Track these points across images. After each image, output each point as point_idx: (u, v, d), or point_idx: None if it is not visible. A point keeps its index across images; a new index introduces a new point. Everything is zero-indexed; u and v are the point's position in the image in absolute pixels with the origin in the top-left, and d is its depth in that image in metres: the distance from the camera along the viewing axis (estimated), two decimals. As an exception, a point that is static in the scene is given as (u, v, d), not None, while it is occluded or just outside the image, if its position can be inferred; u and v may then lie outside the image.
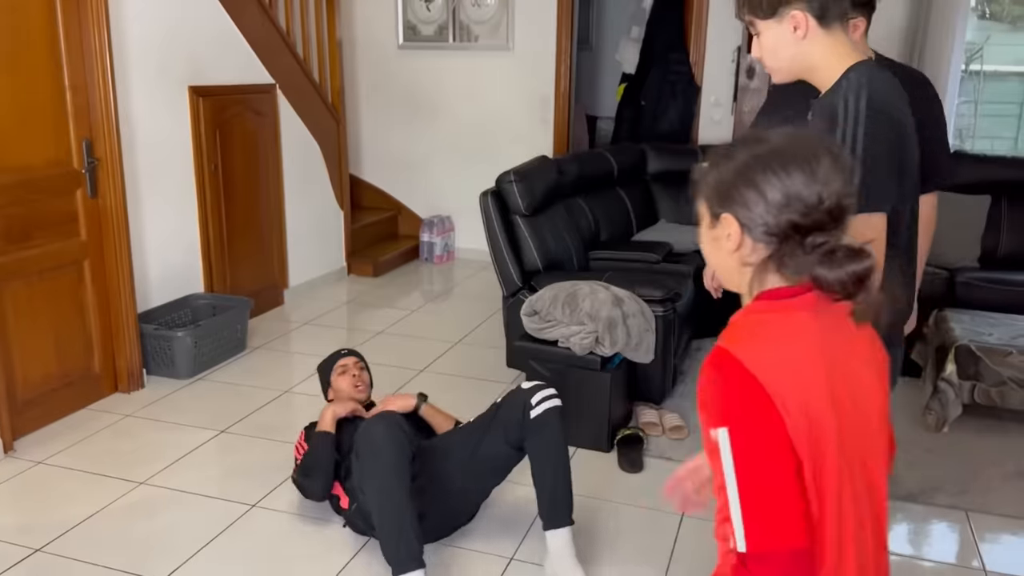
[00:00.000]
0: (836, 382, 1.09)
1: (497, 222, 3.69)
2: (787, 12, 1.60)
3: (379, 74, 6.23)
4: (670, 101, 5.42)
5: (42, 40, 3.25)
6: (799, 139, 1.08)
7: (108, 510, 2.81)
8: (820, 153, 1.06)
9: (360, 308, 5.12)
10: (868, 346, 1.18)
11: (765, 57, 1.68)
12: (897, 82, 1.65)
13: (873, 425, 1.15)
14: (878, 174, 1.52)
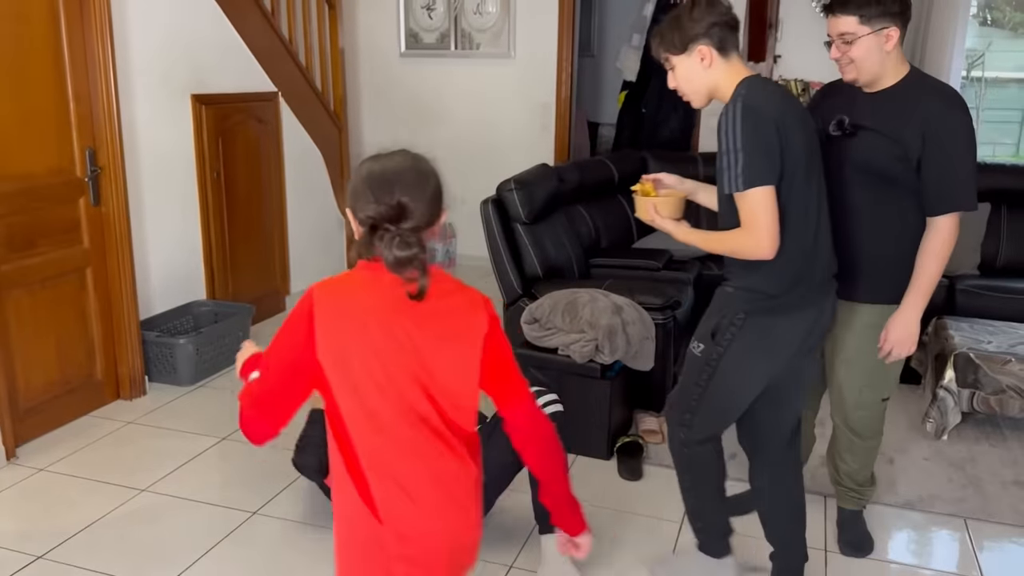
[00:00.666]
0: (383, 328, 1.44)
1: (497, 230, 3.70)
2: (695, 47, 2.02)
3: (381, 82, 6.26)
4: (671, 109, 5.44)
5: (46, 49, 3.28)
6: (390, 166, 1.50)
7: (109, 517, 2.82)
8: (398, 176, 1.47)
9: (361, 315, 5.14)
10: (451, 320, 1.51)
11: (680, 85, 2.11)
12: (781, 90, 2.10)
13: (440, 378, 1.47)
14: (751, 158, 1.92)
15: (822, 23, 5.11)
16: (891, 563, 2.65)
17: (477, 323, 1.54)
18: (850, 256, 2.32)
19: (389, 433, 1.46)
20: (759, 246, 1.99)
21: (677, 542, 2.73)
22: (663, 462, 3.23)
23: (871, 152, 2.28)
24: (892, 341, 2.35)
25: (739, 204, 1.99)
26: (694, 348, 2.22)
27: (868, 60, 2.22)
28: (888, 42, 2.20)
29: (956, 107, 2.22)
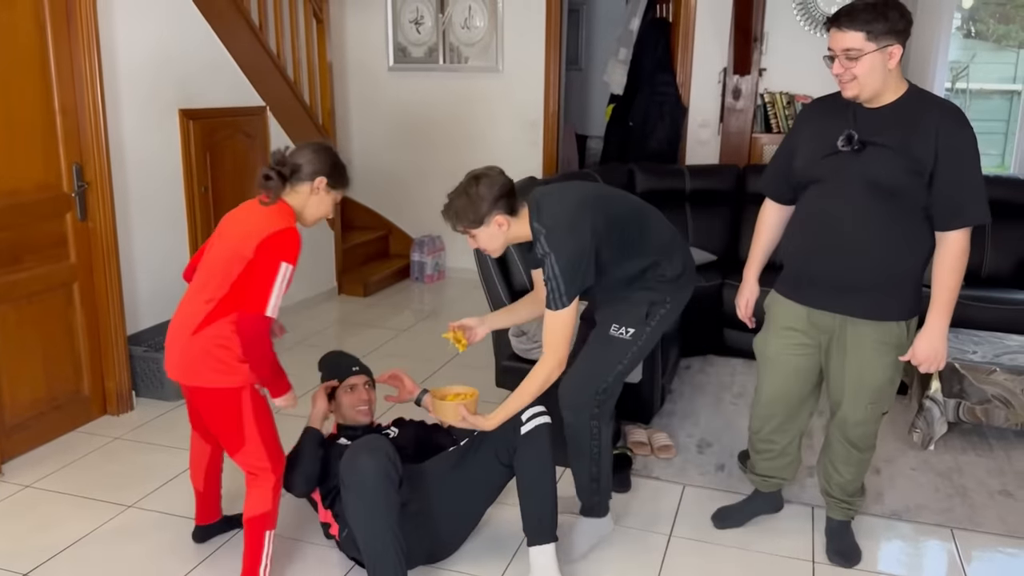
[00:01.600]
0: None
1: (485, 243, 3.71)
2: (491, 219, 2.40)
3: (369, 96, 6.28)
4: (658, 122, 5.46)
5: (32, 63, 3.28)
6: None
7: (96, 533, 2.80)
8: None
9: (350, 328, 5.14)
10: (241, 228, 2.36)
11: (484, 247, 2.47)
12: (572, 188, 2.64)
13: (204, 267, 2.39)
14: (570, 284, 2.40)
15: (808, 36, 5.22)
16: (879, 574, 2.66)
17: (249, 244, 2.26)
18: (858, 272, 2.38)
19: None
20: (562, 363, 2.43)
21: (665, 553, 2.73)
22: (651, 473, 3.24)
23: (882, 167, 2.30)
24: (920, 359, 2.39)
25: (552, 322, 2.39)
26: (620, 333, 2.57)
27: (871, 77, 2.24)
28: (891, 60, 2.22)
29: (963, 122, 2.27)
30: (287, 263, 2.25)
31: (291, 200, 2.40)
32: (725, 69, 5.33)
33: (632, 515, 2.96)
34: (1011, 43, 7.77)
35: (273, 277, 2.23)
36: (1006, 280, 4.40)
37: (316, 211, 2.45)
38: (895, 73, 2.26)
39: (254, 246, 2.25)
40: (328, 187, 2.41)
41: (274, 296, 2.23)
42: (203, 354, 2.30)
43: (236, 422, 2.35)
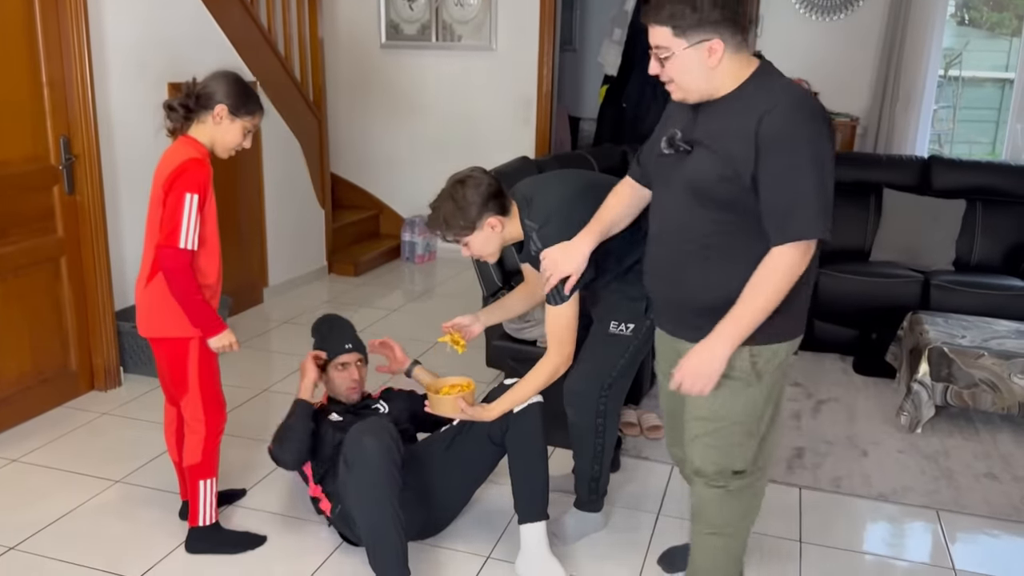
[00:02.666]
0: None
1: (477, 222, 3.69)
2: (483, 222, 2.36)
3: (361, 72, 6.22)
4: (651, 103, 5.45)
5: (19, 35, 3.23)
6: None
7: (83, 508, 2.79)
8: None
9: (340, 307, 5.12)
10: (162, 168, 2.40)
11: (479, 253, 2.45)
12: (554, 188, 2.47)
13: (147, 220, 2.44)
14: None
15: (804, 20, 5.21)
16: (864, 554, 2.68)
17: (159, 184, 2.35)
18: (685, 292, 2.01)
19: None
20: (568, 358, 2.41)
21: (653, 531, 2.74)
22: (640, 453, 3.25)
23: (697, 170, 1.90)
24: (679, 376, 1.94)
25: (554, 318, 2.36)
26: (620, 330, 2.50)
27: (689, 78, 1.84)
28: (711, 56, 1.80)
29: (799, 114, 1.78)
30: (191, 193, 2.28)
31: (198, 132, 2.39)
32: (719, 51, 5.30)
33: (621, 494, 2.97)
34: (1004, 31, 7.77)
35: (180, 209, 2.27)
36: (995, 266, 4.42)
37: (224, 141, 2.41)
38: (725, 68, 1.82)
39: (162, 185, 2.32)
40: (231, 115, 2.37)
41: (184, 227, 2.27)
42: (153, 305, 2.39)
43: (182, 371, 2.44)
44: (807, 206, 1.78)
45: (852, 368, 4.18)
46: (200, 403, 2.46)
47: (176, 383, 2.46)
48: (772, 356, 1.96)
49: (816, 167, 1.77)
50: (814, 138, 1.77)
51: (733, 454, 2.04)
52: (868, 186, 4.67)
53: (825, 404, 3.77)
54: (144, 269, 2.41)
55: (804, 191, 1.78)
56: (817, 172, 1.77)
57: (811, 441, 3.40)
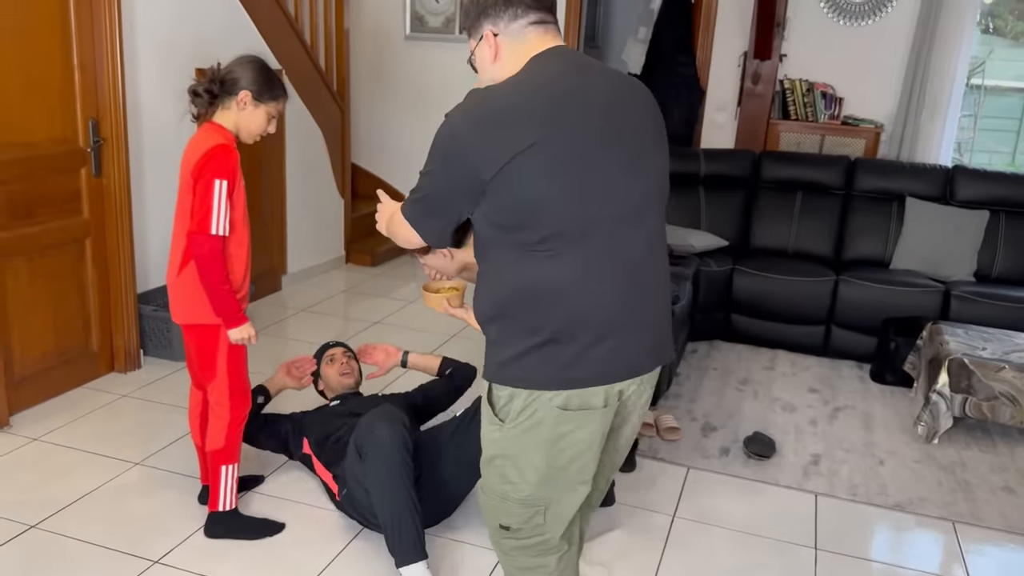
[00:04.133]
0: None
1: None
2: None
3: (385, 64, 6.23)
4: (674, 103, 5.43)
5: (53, 17, 3.25)
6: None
7: (103, 489, 2.82)
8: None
9: (357, 297, 5.14)
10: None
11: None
12: None
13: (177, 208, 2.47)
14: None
15: (829, 24, 5.18)
16: (879, 563, 2.68)
17: (188, 172, 2.37)
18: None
19: None
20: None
21: (669, 532, 2.75)
22: (656, 454, 3.26)
23: None
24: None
25: None
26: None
27: (481, 77, 1.77)
28: (487, 48, 1.71)
29: (453, 112, 1.65)
30: (220, 179, 2.29)
31: (223, 118, 2.40)
32: (746, 53, 5.29)
33: (637, 495, 2.97)
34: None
35: (210, 195, 2.29)
36: (1017, 278, 4.39)
37: (249, 127, 2.42)
38: (507, 64, 1.69)
39: (191, 172, 2.33)
40: (255, 100, 2.38)
41: (215, 214, 2.29)
42: (186, 292, 2.40)
43: (211, 356, 2.46)
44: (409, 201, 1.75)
45: (869, 376, 4.17)
46: (227, 389, 2.47)
47: (205, 368, 2.48)
48: (508, 401, 1.68)
49: (428, 162, 1.68)
50: (437, 137, 1.64)
51: (500, 511, 1.79)
52: (891, 194, 4.65)
53: (842, 411, 3.76)
54: (175, 258, 2.42)
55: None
56: (426, 168, 1.68)
57: (828, 447, 3.40)
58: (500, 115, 1.57)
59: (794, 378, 4.11)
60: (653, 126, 1.74)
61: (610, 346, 1.63)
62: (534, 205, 1.56)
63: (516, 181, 1.55)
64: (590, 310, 1.61)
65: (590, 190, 1.59)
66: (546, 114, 1.57)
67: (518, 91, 1.61)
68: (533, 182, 1.55)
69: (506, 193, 1.56)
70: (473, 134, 1.57)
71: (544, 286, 1.60)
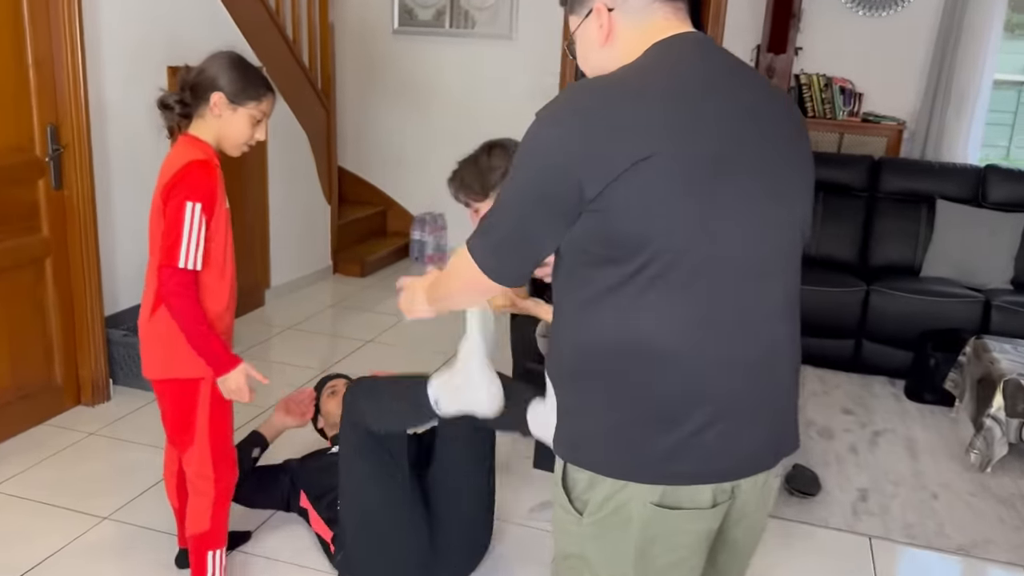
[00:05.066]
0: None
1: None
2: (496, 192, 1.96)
3: (372, 60, 5.85)
4: (682, 100, 5.11)
5: (3, 8, 2.86)
6: None
7: (66, 551, 2.45)
8: None
9: (347, 312, 4.77)
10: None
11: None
12: None
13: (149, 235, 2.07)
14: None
15: (848, 15, 4.86)
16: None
17: (158, 194, 1.99)
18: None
19: None
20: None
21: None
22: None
23: None
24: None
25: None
26: None
27: (585, 65, 1.40)
28: (597, 27, 1.32)
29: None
30: (192, 201, 1.90)
31: (201, 129, 2.00)
32: (759, 46, 4.96)
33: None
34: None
35: (180, 220, 1.89)
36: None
37: (231, 136, 2.01)
38: (621, 49, 1.30)
39: (160, 193, 1.96)
40: (230, 103, 1.97)
41: (185, 243, 1.89)
42: (158, 341, 2.01)
43: (188, 416, 2.06)
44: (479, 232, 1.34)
45: (904, 394, 3.87)
46: (209, 456, 2.09)
47: (181, 430, 2.10)
48: (588, 488, 1.31)
49: (508, 190, 1.29)
50: (521, 154, 1.26)
51: None
52: (919, 196, 4.35)
53: (881, 436, 3.46)
54: (147, 298, 2.04)
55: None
56: (507, 195, 1.29)
57: (874, 480, 3.09)
58: (614, 116, 1.18)
59: (825, 397, 3.80)
60: (800, 145, 1.35)
61: (726, 430, 1.25)
62: (645, 234, 1.18)
63: (625, 202, 1.17)
64: (707, 381, 1.23)
65: (719, 221, 1.20)
66: (672, 119, 1.18)
67: (637, 86, 1.21)
68: (647, 204, 1.17)
69: (611, 217, 1.18)
70: (578, 138, 1.18)
71: (649, 342, 1.21)
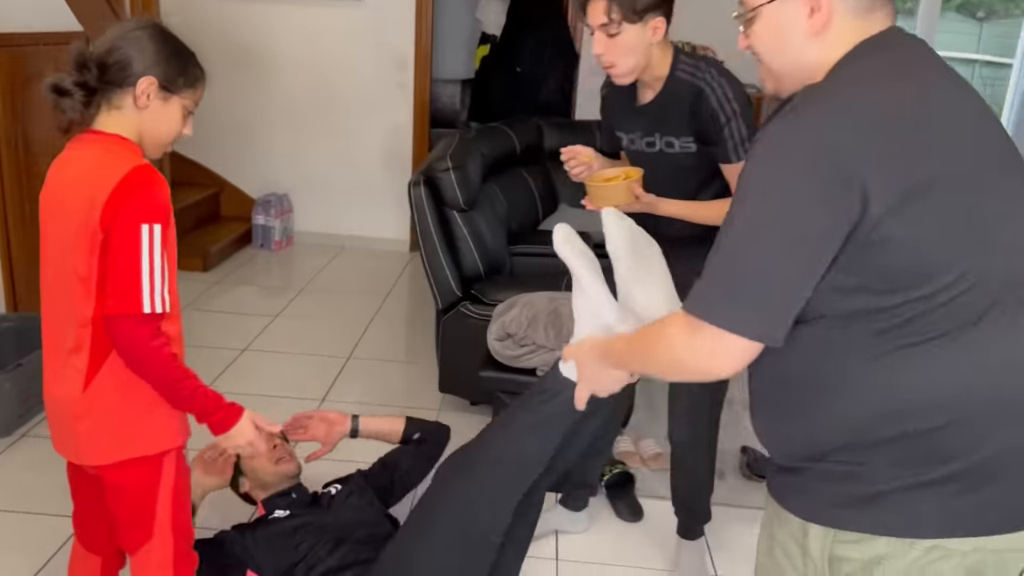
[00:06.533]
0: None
1: (432, 219, 3.00)
2: (650, 17, 1.89)
3: (198, 23, 5.09)
4: (548, 69, 4.91)
5: None
6: None
7: None
8: None
9: (202, 316, 4.13)
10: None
11: (614, 58, 1.98)
12: None
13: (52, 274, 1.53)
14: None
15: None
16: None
17: (92, 215, 1.48)
18: None
19: None
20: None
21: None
22: (656, 492, 2.77)
23: None
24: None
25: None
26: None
27: (768, 58, 1.30)
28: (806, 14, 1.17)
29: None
30: (148, 223, 1.44)
31: (115, 123, 1.52)
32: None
33: (661, 553, 2.47)
34: (973, 10, 7.85)
35: (136, 251, 1.43)
36: None
37: (158, 132, 1.56)
38: (833, 44, 1.15)
39: (98, 216, 1.44)
40: (162, 91, 1.52)
41: (147, 280, 1.43)
42: (106, 415, 1.51)
43: (148, 506, 1.59)
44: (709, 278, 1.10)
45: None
46: (171, 552, 1.62)
47: (135, 525, 1.61)
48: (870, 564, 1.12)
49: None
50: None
51: None
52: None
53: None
54: (68, 363, 1.53)
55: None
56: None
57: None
58: (902, 124, 1.02)
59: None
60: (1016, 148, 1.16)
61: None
62: (931, 262, 1.01)
63: (909, 224, 0.99)
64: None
65: (995, 241, 1.05)
66: (941, 129, 1.03)
67: (905, 91, 1.05)
68: (931, 229, 1.01)
69: (891, 243, 1.00)
70: (866, 144, 0.99)
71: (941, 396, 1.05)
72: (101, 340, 1.49)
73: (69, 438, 1.55)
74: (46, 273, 1.54)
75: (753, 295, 1.03)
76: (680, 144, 2.04)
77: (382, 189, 5.23)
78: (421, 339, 3.84)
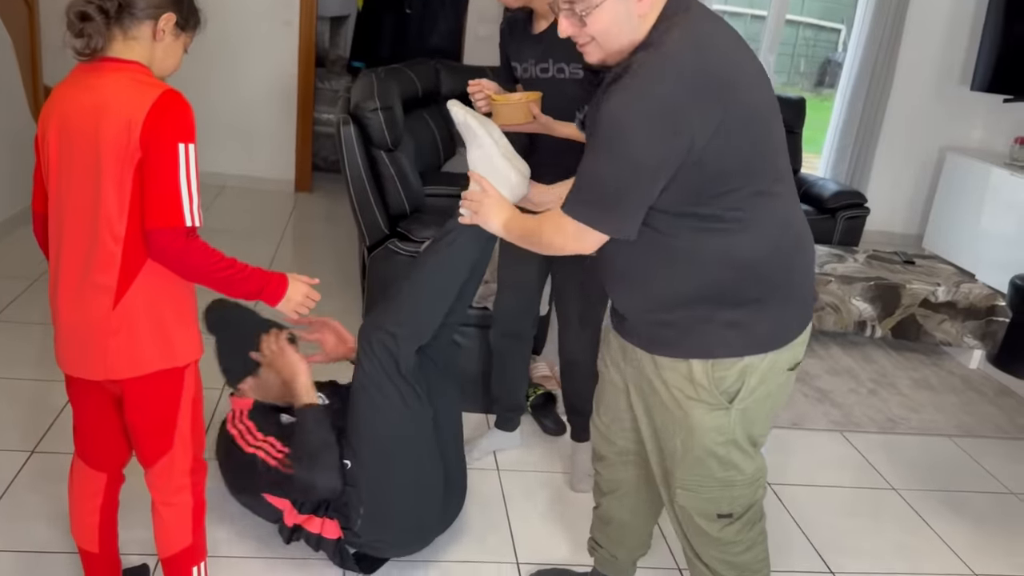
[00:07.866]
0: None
1: (362, 159, 3.08)
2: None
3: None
4: (439, 12, 4.99)
5: None
6: None
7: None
8: None
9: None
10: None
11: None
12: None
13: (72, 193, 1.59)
14: None
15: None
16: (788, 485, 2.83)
17: (131, 135, 1.55)
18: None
19: None
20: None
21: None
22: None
23: None
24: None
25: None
26: None
27: (605, 39, 1.56)
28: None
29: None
30: (184, 142, 1.54)
31: (130, 51, 1.59)
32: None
33: (564, 455, 2.77)
34: None
35: (175, 168, 1.53)
36: None
37: (165, 65, 1.66)
38: (651, 17, 1.50)
39: (137, 136, 1.51)
40: (177, 28, 1.64)
41: (185, 193, 1.54)
42: (137, 329, 1.60)
43: (172, 417, 1.70)
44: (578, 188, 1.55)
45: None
46: (190, 455, 1.73)
47: (158, 436, 1.69)
48: (740, 376, 1.62)
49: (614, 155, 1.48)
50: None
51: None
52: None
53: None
54: (94, 283, 1.58)
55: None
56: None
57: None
58: (720, 81, 1.44)
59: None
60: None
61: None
62: (728, 174, 1.49)
63: (714, 153, 1.44)
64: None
65: (778, 145, 1.56)
66: (747, 70, 1.50)
67: (722, 42, 1.48)
68: (727, 156, 1.46)
69: (703, 164, 1.44)
70: (695, 103, 1.41)
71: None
72: (132, 257, 1.55)
73: (98, 356, 1.60)
74: (64, 201, 1.57)
75: (610, 205, 1.50)
76: (570, 70, 2.24)
77: (266, 128, 5.17)
78: (334, 279, 3.91)
